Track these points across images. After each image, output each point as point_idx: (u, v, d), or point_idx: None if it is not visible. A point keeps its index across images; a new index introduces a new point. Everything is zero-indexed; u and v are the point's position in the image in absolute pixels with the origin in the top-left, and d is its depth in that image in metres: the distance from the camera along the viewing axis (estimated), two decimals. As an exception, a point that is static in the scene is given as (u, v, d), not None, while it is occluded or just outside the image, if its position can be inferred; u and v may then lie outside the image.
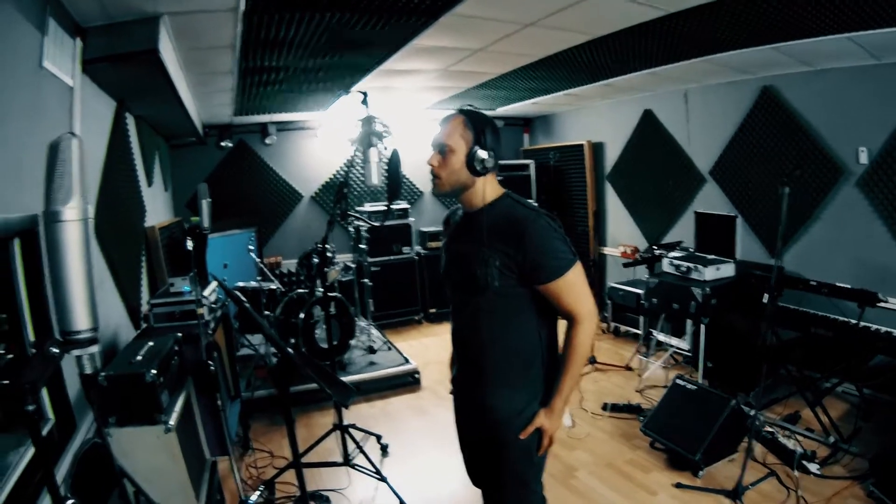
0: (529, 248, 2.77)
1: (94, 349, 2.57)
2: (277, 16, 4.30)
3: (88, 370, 2.63)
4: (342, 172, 11.23)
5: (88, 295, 2.49)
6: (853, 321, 5.91)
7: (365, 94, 4.77)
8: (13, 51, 2.95)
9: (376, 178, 4.75)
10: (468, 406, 3.26)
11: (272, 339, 3.28)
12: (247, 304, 3.69)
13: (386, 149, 4.61)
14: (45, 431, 2.77)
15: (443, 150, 2.91)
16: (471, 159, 2.86)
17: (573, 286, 2.85)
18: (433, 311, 11.25)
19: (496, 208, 2.95)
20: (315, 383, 3.37)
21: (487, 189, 2.96)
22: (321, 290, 7.25)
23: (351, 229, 9.85)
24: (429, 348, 9.52)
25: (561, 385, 2.93)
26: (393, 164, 4.09)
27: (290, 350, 3.18)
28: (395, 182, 4.23)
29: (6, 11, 2.86)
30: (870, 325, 5.89)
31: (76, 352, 2.52)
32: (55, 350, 2.33)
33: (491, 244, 2.83)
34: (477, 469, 3.34)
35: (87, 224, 2.52)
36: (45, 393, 2.92)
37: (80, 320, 2.46)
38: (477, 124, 2.89)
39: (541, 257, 2.78)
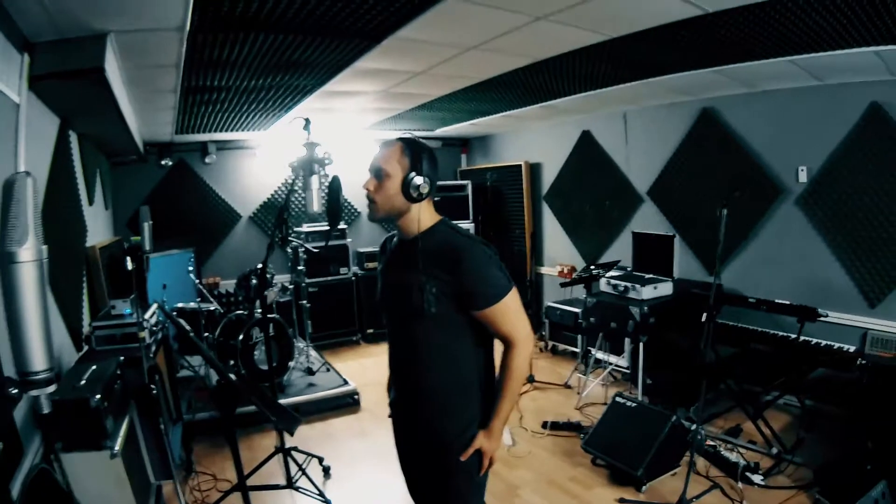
0: (466, 276, 2.80)
1: (52, 388, 2.53)
2: (222, 36, 4.28)
3: (46, 410, 2.59)
4: (282, 196, 11.21)
5: (45, 335, 2.45)
6: (792, 336, 6.08)
7: (307, 120, 4.76)
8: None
9: (317, 205, 4.73)
10: (408, 429, 3.28)
11: (217, 368, 3.25)
12: (192, 334, 3.66)
13: (327, 175, 4.60)
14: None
15: (379, 175, 2.93)
16: (406, 185, 2.88)
17: (509, 311, 2.89)
18: (371, 331, 11.22)
19: (432, 235, 2.98)
20: (258, 408, 3.36)
21: (423, 216, 2.98)
22: (260, 311, 7.22)
23: (289, 250, 9.79)
24: (367, 369, 9.46)
25: (499, 407, 2.97)
26: (334, 191, 4.10)
27: (234, 377, 3.16)
28: (335, 209, 4.23)
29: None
30: (810, 339, 6.08)
31: (34, 392, 2.48)
32: (14, 391, 2.29)
33: (427, 271, 2.85)
34: (419, 490, 3.35)
35: (43, 265, 2.48)
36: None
37: (38, 361, 2.42)
38: (414, 151, 2.92)
39: (477, 284, 2.82)
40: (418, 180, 2.87)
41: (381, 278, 3.27)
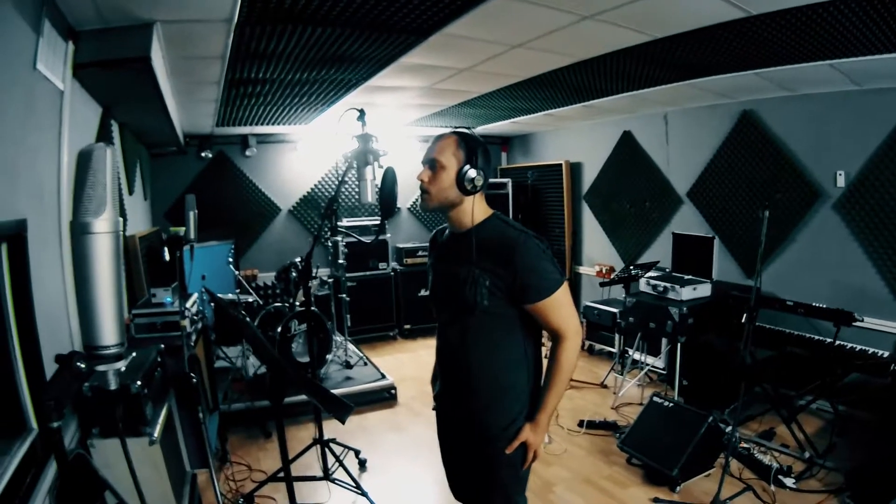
0: (519, 269, 2.80)
1: (121, 364, 2.51)
2: (269, 28, 4.29)
3: (114, 386, 2.57)
4: (321, 190, 11.33)
5: (117, 309, 2.43)
6: (828, 340, 6.04)
7: (362, 111, 4.76)
8: (9, 50, 2.91)
9: (371, 196, 4.74)
10: (454, 422, 3.27)
11: (271, 355, 3.24)
12: (247, 319, 3.66)
13: (381, 167, 4.61)
14: (28, 443, 2.73)
15: (433, 166, 2.94)
16: (461, 178, 2.88)
17: (560, 305, 2.90)
18: (408, 327, 11.21)
19: (485, 228, 2.98)
20: (308, 397, 3.36)
21: (476, 209, 2.99)
22: (299, 304, 7.25)
23: (329, 244, 9.81)
24: (404, 364, 9.51)
25: (546, 400, 2.97)
26: (388, 182, 4.09)
27: (290, 368, 3.16)
28: (390, 200, 4.23)
29: (4, 9, 2.83)
30: (845, 343, 6.03)
31: (102, 367, 2.46)
32: (82, 365, 2.28)
33: (480, 264, 2.85)
34: (461, 483, 3.35)
35: (119, 237, 2.46)
36: (28, 402, 2.88)
37: (108, 335, 2.40)
38: (469, 145, 2.93)
39: (530, 277, 2.81)
40: (472, 173, 2.88)
41: (433, 271, 3.28)
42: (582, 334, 3.06)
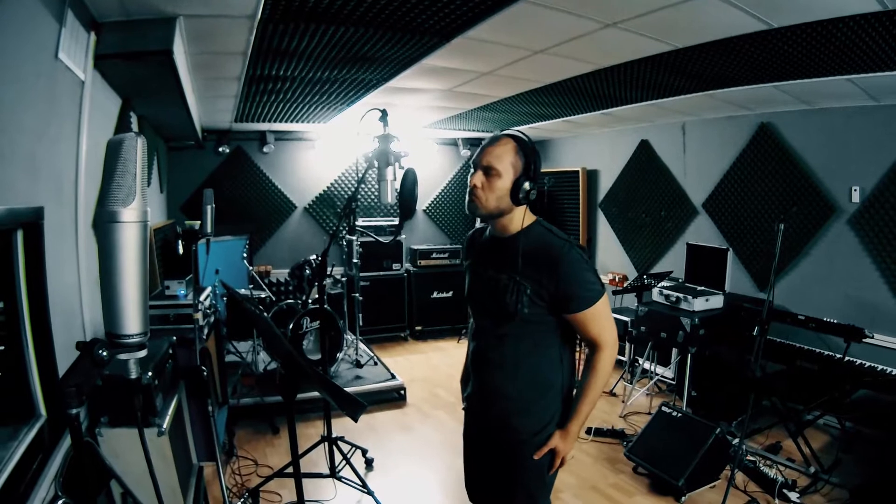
0: (562, 278, 2.79)
1: (143, 354, 2.52)
2: (292, 26, 4.30)
3: (134, 375, 2.58)
4: (347, 186, 11.33)
5: (142, 298, 2.44)
6: (838, 355, 6.01)
7: (384, 111, 4.76)
8: (32, 38, 2.93)
9: (390, 196, 4.74)
10: (483, 424, 3.25)
11: (287, 349, 3.24)
12: (264, 313, 3.66)
13: (402, 168, 4.60)
14: (36, 429, 2.75)
15: (488, 172, 2.87)
16: (517, 189, 2.85)
17: (600, 316, 2.87)
18: (419, 328, 11.21)
19: (529, 235, 2.94)
20: (321, 394, 3.36)
21: (525, 216, 2.97)
22: (312, 301, 7.26)
23: (344, 243, 9.82)
24: (414, 365, 9.53)
25: (579, 408, 2.95)
26: (409, 184, 4.07)
27: (304, 364, 3.15)
28: (410, 201, 4.22)
29: (30, -1, 2.87)
30: (854, 359, 5.99)
31: (124, 356, 2.47)
32: (104, 353, 2.28)
33: (523, 271, 2.84)
34: (482, 486, 3.36)
35: (147, 227, 2.47)
36: (38, 389, 2.89)
37: (132, 325, 2.39)
38: (528, 154, 2.89)
39: (573, 287, 2.80)
40: (528, 185, 2.86)
41: (471, 274, 3.25)
42: (618, 344, 3.05)
